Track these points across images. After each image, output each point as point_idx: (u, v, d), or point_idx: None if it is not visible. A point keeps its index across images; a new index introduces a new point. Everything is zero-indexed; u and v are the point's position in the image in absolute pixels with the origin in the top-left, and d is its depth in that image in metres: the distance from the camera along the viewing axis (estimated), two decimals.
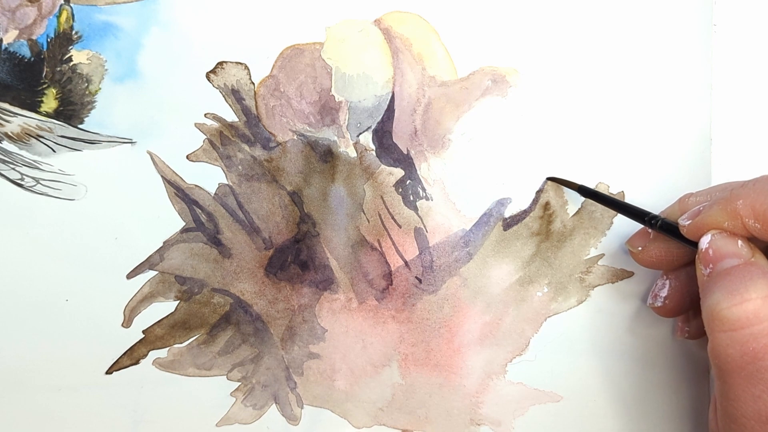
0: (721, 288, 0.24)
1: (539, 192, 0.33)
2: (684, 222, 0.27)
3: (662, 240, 0.30)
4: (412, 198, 0.33)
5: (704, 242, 0.26)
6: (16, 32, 0.32)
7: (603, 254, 0.33)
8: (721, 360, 0.24)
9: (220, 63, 0.32)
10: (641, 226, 0.30)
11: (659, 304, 0.30)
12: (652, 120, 0.33)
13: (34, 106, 0.32)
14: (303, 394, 0.34)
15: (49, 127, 0.32)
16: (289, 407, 0.34)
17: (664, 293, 0.30)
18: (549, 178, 0.33)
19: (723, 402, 0.24)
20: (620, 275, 0.33)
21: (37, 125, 0.32)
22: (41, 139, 0.32)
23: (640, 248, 0.30)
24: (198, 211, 0.33)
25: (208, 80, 0.33)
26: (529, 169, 0.33)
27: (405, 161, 0.33)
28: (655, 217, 0.29)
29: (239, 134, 0.33)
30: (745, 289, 0.24)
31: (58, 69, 0.32)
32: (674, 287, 0.30)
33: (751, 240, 0.26)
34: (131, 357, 0.33)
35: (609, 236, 0.33)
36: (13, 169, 0.32)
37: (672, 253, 0.29)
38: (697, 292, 0.26)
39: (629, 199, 0.33)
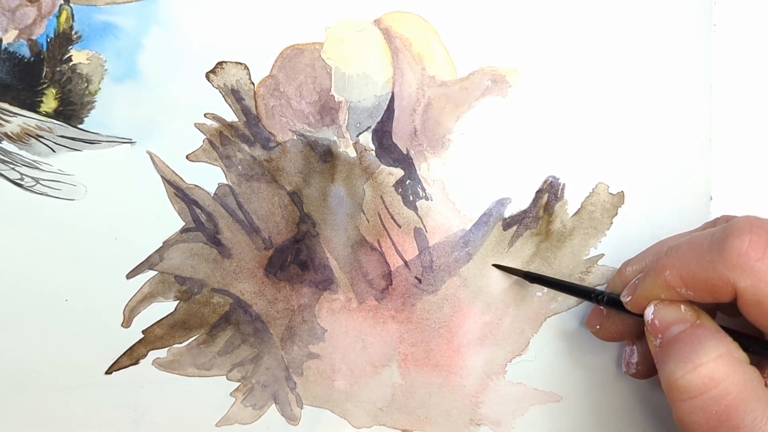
0: (673, 357, 0.24)
1: (539, 192, 0.33)
2: (625, 299, 0.27)
3: (615, 314, 0.30)
4: (411, 198, 0.33)
5: (648, 314, 0.26)
6: (16, 32, 0.32)
7: (603, 254, 0.33)
8: (689, 428, 0.24)
9: (220, 63, 0.32)
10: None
11: (634, 371, 0.31)
12: (652, 120, 0.33)
13: (33, 106, 0.32)
14: (303, 394, 0.34)
15: (48, 127, 0.32)
16: (289, 407, 0.34)
17: (635, 359, 0.30)
18: (494, 265, 0.33)
19: None
20: None
21: (36, 125, 0.32)
22: (41, 139, 0.32)
23: (598, 327, 0.31)
24: (198, 211, 0.33)
25: (208, 80, 0.32)
26: (529, 169, 0.33)
27: (405, 161, 0.33)
28: (601, 293, 0.29)
29: (239, 134, 0.33)
30: (695, 354, 0.24)
31: (58, 69, 0.32)
32: (642, 352, 0.30)
33: (693, 302, 0.26)
34: (131, 357, 0.33)
35: (609, 236, 0.33)
36: (13, 169, 0.32)
37: (628, 324, 0.30)
38: None
39: (629, 200, 0.33)
